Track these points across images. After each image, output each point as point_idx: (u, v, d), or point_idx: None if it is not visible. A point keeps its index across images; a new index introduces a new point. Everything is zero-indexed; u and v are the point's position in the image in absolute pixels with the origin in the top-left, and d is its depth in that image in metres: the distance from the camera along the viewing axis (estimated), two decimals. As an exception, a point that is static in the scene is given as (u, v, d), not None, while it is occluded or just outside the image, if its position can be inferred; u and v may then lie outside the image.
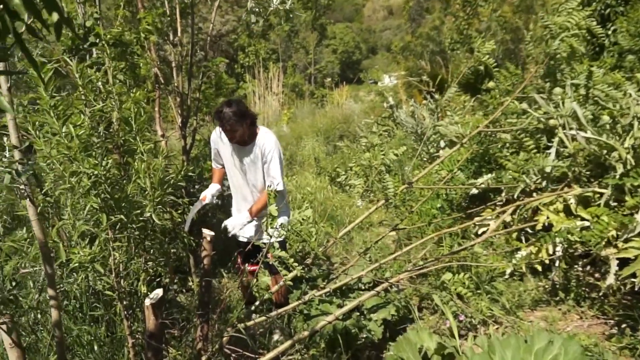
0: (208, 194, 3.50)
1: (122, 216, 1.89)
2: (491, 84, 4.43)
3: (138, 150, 1.95)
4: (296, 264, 2.54)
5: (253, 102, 15.70)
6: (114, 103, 2.21)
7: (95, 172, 1.84)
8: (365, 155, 3.26)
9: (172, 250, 3.99)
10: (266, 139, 3.15)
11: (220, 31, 28.22)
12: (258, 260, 2.56)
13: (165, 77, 4.45)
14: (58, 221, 2.27)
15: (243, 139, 3.11)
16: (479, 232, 4.24)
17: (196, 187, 3.92)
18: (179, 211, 3.75)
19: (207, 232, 2.88)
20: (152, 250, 2.15)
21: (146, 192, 1.93)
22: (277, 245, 2.50)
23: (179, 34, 4.03)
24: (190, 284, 4.01)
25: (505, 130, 3.91)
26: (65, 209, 2.05)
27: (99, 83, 2.38)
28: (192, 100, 4.25)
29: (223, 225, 3.31)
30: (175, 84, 4.22)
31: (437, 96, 6.25)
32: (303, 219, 2.52)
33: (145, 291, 2.09)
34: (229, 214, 4.76)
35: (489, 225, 4.22)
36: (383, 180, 3.11)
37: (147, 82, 5.01)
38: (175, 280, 3.85)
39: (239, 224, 3.23)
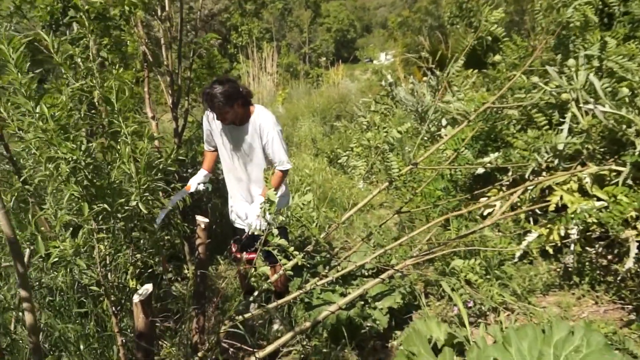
0: (193, 182, 3.28)
1: (105, 205, 1.71)
2: (497, 57, 4.22)
3: (122, 133, 1.76)
4: (297, 252, 2.39)
5: (247, 83, 15.38)
6: (95, 81, 2.00)
7: (74, 157, 1.66)
8: (367, 134, 3.09)
9: (165, 238, 3.83)
10: (262, 117, 2.95)
11: (212, 10, 27.65)
12: (256, 248, 2.40)
13: (154, 55, 4.22)
14: (39, 211, 2.09)
15: (236, 120, 2.91)
16: (485, 214, 4.09)
17: (189, 171, 3.73)
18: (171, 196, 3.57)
19: (201, 219, 2.71)
20: (141, 241, 1.97)
21: (132, 179, 1.74)
22: (276, 232, 2.33)
23: (167, 8, 3.80)
24: (186, 272, 3.85)
25: (513, 106, 3.72)
26: (47, 198, 1.86)
27: (79, 59, 2.17)
28: (182, 79, 4.03)
29: (244, 214, 3.12)
30: (165, 63, 3.99)
31: (437, 72, 6.04)
32: (303, 204, 2.35)
33: (134, 285, 1.92)
34: (224, 198, 4.60)
35: (495, 206, 4.07)
36: (386, 160, 2.94)
37: (136, 62, 4.78)
38: (170, 269, 3.69)
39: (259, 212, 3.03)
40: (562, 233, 3.04)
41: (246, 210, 3.12)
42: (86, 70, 2.03)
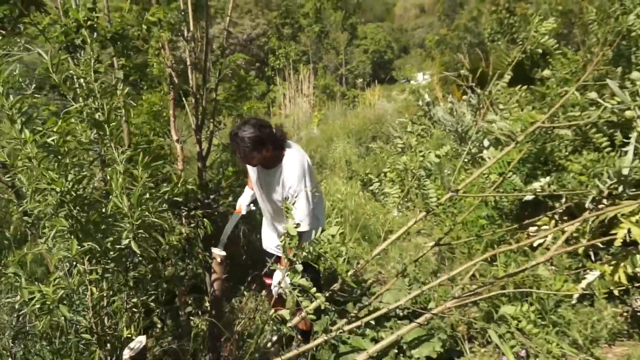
0: (243, 204, 3.11)
1: (91, 244, 1.48)
2: (546, 72, 3.86)
3: (116, 159, 1.55)
4: (319, 294, 2.10)
5: (283, 105, 15.41)
6: (96, 102, 1.81)
7: (57, 189, 1.45)
8: (402, 158, 2.79)
9: (188, 268, 3.62)
10: (291, 167, 2.59)
11: (251, 35, 28.16)
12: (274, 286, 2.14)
13: (180, 77, 4.09)
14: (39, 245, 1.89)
15: (264, 163, 2.63)
16: (535, 244, 3.69)
17: (211, 197, 3.52)
18: (192, 225, 3.36)
19: (217, 252, 2.47)
20: (140, 284, 1.74)
21: (125, 213, 1.52)
22: (300, 268, 2.07)
23: (192, 28, 3.66)
24: (206, 305, 3.62)
25: (566, 126, 3.34)
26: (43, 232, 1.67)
27: (81, 80, 2.00)
28: (207, 101, 3.87)
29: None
30: (190, 84, 3.85)
31: (478, 90, 5.69)
32: (329, 238, 2.08)
33: (128, 334, 1.68)
34: (251, 225, 4.37)
35: (546, 237, 3.66)
36: (423, 188, 2.63)
37: (163, 84, 4.68)
38: (190, 301, 3.46)
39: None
40: (630, 272, 2.62)
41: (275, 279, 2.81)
42: (87, 92, 1.85)
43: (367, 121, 11.13)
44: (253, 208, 3.13)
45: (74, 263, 1.71)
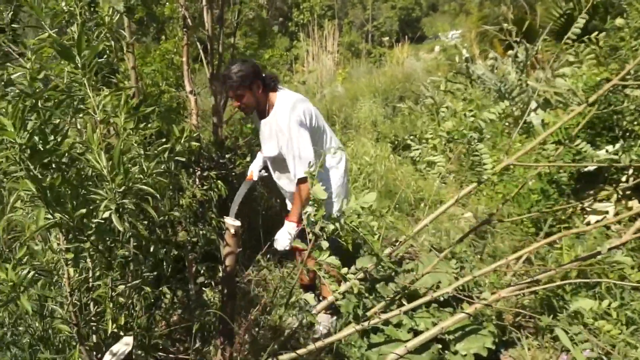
0: (255, 169, 2.83)
1: (63, 215, 1.11)
2: (619, 21, 3.29)
3: (93, 102, 1.14)
4: (352, 276, 1.73)
5: (307, 62, 14.78)
6: (76, 28, 1.39)
7: (14, 139, 1.06)
8: (447, 123, 2.35)
9: (200, 233, 3.29)
10: (280, 112, 2.40)
11: (274, -13, 27.07)
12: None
13: (194, 21, 3.64)
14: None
15: (253, 108, 2.50)
16: (592, 222, 3.25)
17: (226, 156, 3.14)
18: (205, 187, 2.99)
19: (231, 222, 2.09)
20: (131, 265, 1.38)
21: (103, 178, 1.13)
22: (325, 245, 1.71)
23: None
24: (220, 274, 3.30)
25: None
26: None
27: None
28: (225, 48, 3.43)
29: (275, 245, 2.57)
30: (206, 27, 3.39)
31: (527, 45, 5.10)
32: (362, 208, 1.68)
33: (113, 328, 1.33)
34: (269, 187, 3.99)
35: (607, 213, 3.21)
36: (475, 154, 2.20)
37: (176, 27, 4.24)
38: (202, 270, 3.14)
39: (287, 239, 2.47)
40: None
41: (279, 238, 2.53)
42: (68, 15, 1.43)
43: (395, 80, 10.52)
44: (265, 174, 2.80)
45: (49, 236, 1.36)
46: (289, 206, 2.76)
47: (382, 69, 13.02)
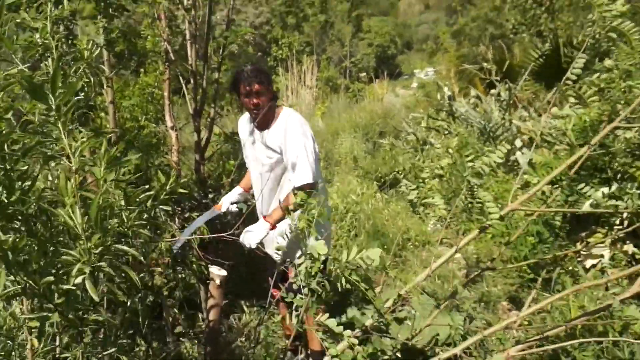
0: (225, 201, 2.62)
1: (25, 279, 0.93)
2: (608, 63, 3.30)
3: (66, 147, 0.98)
4: (349, 334, 1.58)
5: (286, 96, 14.82)
6: (51, 63, 1.24)
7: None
8: (443, 161, 2.27)
9: (178, 277, 3.08)
10: (291, 121, 2.31)
11: (254, 23, 27.41)
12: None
13: (177, 54, 3.53)
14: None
15: (262, 113, 2.29)
16: (588, 266, 3.17)
17: (210, 195, 2.97)
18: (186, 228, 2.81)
19: (216, 272, 1.92)
20: (103, 329, 1.19)
21: (77, 236, 0.96)
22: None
23: (193, -6, 3.10)
24: (201, 323, 3.06)
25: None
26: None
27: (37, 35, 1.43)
28: (208, 83, 3.31)
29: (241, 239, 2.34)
30: (189, 61, 3.28)
31: (509, 84, 5.15)
32: (366, 261, 1.56)
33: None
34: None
35: (602, 257, 3.14)
36: (476, 199, 2.10)
37: (158, 61, 4.11)
38: (181, 319, 2.91)
39: (257, 237, 2.27)
40: None
41: (246, 233, 2.32)
42: (43, 49, 1.28)
43: (375, 115, 10.57)
44: (236, 209, 2.62)
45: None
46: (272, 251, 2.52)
47: (362, 104, 13.12)
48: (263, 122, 2.32)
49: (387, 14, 57.52)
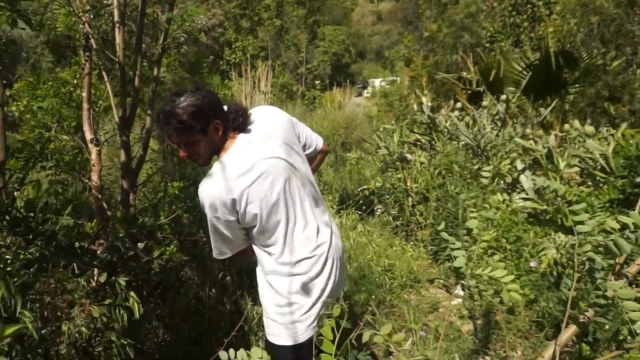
0: None
1: None
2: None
3: None
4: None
5: (239, 101, 13.91)
6: None
7: None
8: (495, 197, 1.52)
9: None
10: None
11: (206, 25, 26.18)
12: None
13: (100, 40, 2.61)
14: None
15: (209, 159, 1.65)
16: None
17: (140, 243, 2.04)
18: (107, 302, 1.89)
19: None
20: None
21: None
22: None
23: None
24: None
25: None
26: None
27: None
28: (142, 80, 2.41)
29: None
30: (117, 50, 2.36)
31: (506, 97, 4.52)
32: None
33: None
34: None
35: None
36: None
37: (80, 55, 3.18)
38: None
39: None
40: None
41: None
42: None
43: (337, 125, 9.87)
44: None
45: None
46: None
47: (321, 112, 12.42)
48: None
49: (340, 23, 57.64)
